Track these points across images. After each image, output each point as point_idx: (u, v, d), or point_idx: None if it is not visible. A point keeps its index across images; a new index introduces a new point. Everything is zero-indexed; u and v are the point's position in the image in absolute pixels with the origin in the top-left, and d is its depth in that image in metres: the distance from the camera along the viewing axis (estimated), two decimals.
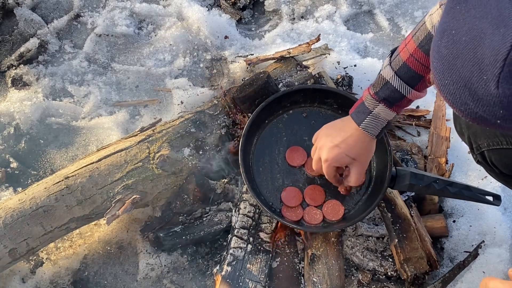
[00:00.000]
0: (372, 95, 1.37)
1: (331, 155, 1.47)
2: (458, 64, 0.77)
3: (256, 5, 2.42)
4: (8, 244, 1.57)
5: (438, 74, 0.82)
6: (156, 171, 1.65)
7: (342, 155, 1.46)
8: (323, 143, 1.49)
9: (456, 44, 0.78)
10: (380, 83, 1.36)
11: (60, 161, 1.98)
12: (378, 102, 1.37)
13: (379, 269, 1.68)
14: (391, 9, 2.39)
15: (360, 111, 1.41)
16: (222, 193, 1.76)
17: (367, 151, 1.49)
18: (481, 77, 0.74)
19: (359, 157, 1.48)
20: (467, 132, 1.44)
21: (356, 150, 1.46)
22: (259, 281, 1.60)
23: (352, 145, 1.45)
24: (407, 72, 1.31)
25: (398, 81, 1.32)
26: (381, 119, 1.39)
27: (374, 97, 1.37)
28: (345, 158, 1.47)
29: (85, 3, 2.33)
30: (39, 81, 2.13)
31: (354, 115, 1.43)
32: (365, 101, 1.39)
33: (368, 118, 1.39)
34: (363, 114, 1.40)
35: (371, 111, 1.38)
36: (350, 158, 1.47)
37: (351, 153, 1.46)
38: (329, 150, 1.47)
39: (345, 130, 1.45)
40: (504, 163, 1.40)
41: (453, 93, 0.80)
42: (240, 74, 2.05)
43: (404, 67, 1.31)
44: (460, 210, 1.82)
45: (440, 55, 0.81)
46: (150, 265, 1.73)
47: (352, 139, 1.44)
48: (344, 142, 1.45)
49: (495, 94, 0.74)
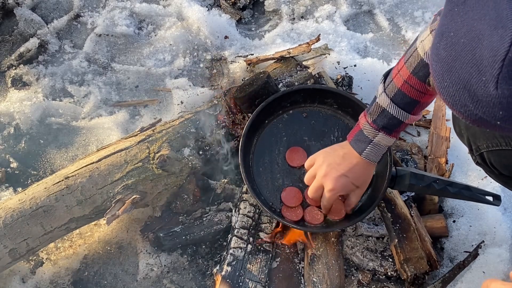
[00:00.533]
0: (370, 123, 1.37)
1: (338, 185, 1.45)
2: (457, 66, 0.78)
3: (256, 5, 2.42)
4: (8, 244, 1.57)
5: (438, 76, 0.82)
6: (156, 171, 1.65)
7: (349, 184, 1.46)
8: (327, 172, 1.46)
9: (454, 46, 0.78)
10: (377, 111, 1.35)
11: (60, 161, 1.98)
12: (378, 131, 1.36)
13: (379, 269, 1.68)
14: (391, 9, 2.39)
15: (359, 140, 1.41)
16: (222, 193, 1.76)
17: (369, 176, 1.51)
18: (480, 78, 0.74)
19: (362, 184, 1.50)
20: (466, 133, 1.44)
21: (362, 178, 1.47)
22: (259, 281, 1.60)
23: (359, 174, 1.45)
24: (402, 99, 1.31)
25: (395, 108, 1.32)
26: (382, 146, 1.40)
27: (372, 126, 1.37)
28: (351, 187, 1.48)
29: (85, 3, 2.33)
30: (39, 81, 2.13)
31: (354, 143, 1.42)
32: (364, 130, 1.39)
33: (369, 147, 1.39)
34: (363, 143, 1.40)
35: (371, 140, 1.38)
36: (355, 186, 1.48)
37: (357, 181, 1.47)
38: (336, 179, 1.44)
39: (348, 158, 1.43)
40: (503, 164, 1.40)
41: (453, 95, 0.80)
42: (240, 74, 2.05)
43: (400, 93, 1.31)
44: (460, 210, 1.82)
45: (439, 57, 0.81)
46: (150, 265, 1.73)
47: (358, 168, 1.44)
48: (350, 171, 1.44)
49: (495, 95, 0.74)
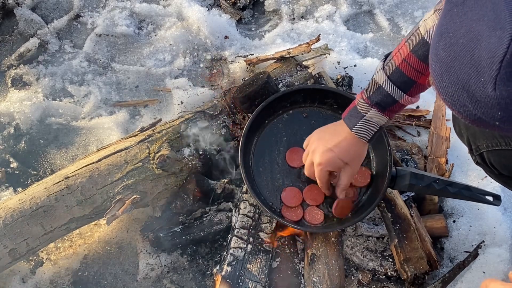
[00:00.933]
0: (364, 99, 1.37)
1: (324, 159, 1.46)
2: (456, 66, 0.78)
3: (256, 5, 2.42)
4: (8, 244, 1.57)
5: (437, 76, 0.82)
6: (156, 171, 1.65)
7: (335, 159, 1.45)
8: (316, 147, 1.48)
9: (453, 46, 0.78)
10: (373, 88, 1.35)
11: (60, 161, 1.98)
12: (371, 107, 1.36)
13: (379, 269, 1.68)
14: (391, 9, 2.39)
15: (352, 115, 1.41)
16: (222, 193, 1.76)
17: (359, 155, 1.49)
18: (479, 79, 0.75)
19: (351, 161, 1.48)
20: (466, 133, 1.44)
21: (349, 154, 1.46)
22: (259, 281, 1.60)
23: (345, 149, 1.44)
24: (400, 77, 1.31)
25: (391, 86, 1.32)
26: (374, 124, 1.39)
27: (366, 102, 1.37)
28: (338, 162, 1.47)
29: (85, 3, 2.33)
30: (39, 81, 2.13)
31: (346, 119, 1.43)
32: (358, 105, 1.39)
33: (361, 123, 1.39)
34: (355, 118, 1.40)
35: (363, 115, 1.38)
36: (343, 162, 1.47)
37: (344, 157, 1.46)
38: (322, 154, 1.46)
39: (338, 134, 1.44)
40: (503, 164, 1.40)
41: (452, 95, 0.80)
42: (240, 74, 2.05)
43: (397, 71, 1.31)
44: (460, 210, 1.82)
45: (438, 57, 0.81)
46: (150, 265, 1.73)
47: (346, 143, 1.43)
48: (337, 146, 1.44)
49: (493, 96, 0.74)
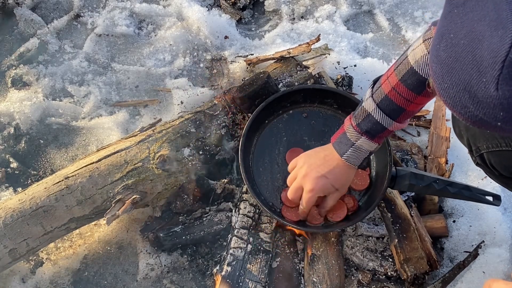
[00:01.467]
0: (354, 126, 1.37)
1: (318, 186, 1.45)
2: (457, 67, 0.77)
3: (256, 5, 2.42)
4: (8, 244, 1.57)
5: (438, 78, 0.82)
6: (156, 171, 1.65)
7: (328, 186, 1.46)
8: (307, 172, 1.46)
9: (454, 47, 0.78)
10: (362, 115, 1.36)
11: (60, 161, 1.98)
12: (361, 135, 1.37)
13: (379, 269, 1.68)
14: (391, 9, 2.39)
15: (342, 142, 1.41)
16: (222, 193, 1.76)
17: (349, 180, 1.50)
18: (481, 79, 0.74)
19: (342, 186, 1.49)
20: (466, 134, 1.44)
21: (341, 181, 1.47)
22: (259, 281, 1.60)
23: (338, 176, 1.45)
24: (388, 105, 1.31)
25: (380, 114, 1.33)
26: (364, 150, 1.40)
27: (356, 129, 1.37)
28: (330, 189, 1.47)
29: (85, 3, 2.33)
30: (39, 81, 2.13)
31: (336, 145, 1.43)
32: (347, 132, 1.39)
33: (351, 150, 1.39)
34: (345, 146, 1.40)
35: (353, 143, 1.39)
36: (334, 188, 1.47)
37: (336, 184, 1.46)
38: (316, 180, 1.45)
39: (329, 160, 1.44)
40: (503, 165, 1.39)
41: (453, 96, 0.80)
42: (240, 74, 2.05)
43: (386, 100, 1.31)
44: (460, 210, 1.82)
45: (439, 58, 0.81)
46: (150, 265, 1.73)
47: (338, 170, 1.44)
48: (331, 173, 1.44)
49: (495, 96, 0.74)
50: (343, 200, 1.64)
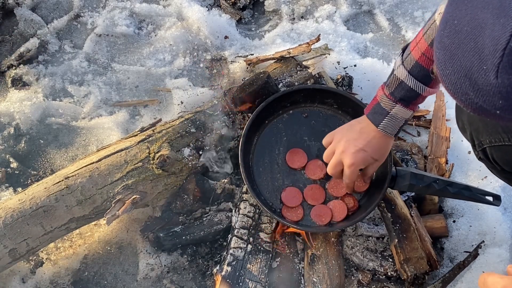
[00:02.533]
0: (387, 95, 1.37)
1: (358, 159, 1.44)
2: (459, 53, 0.78)
3: (256, 5, 2.42)
4: (8, 244, 1.57)
5: (440, 64, 0.82)
6: (156, 171, 1.65)
7: (367, 158, 1.45)
8: (345, 147, 1.45)
9: (458, 34, 0.78)
10: (395, 83, 1.35)
11: (60, 161, 1.98)
12: (395, 103, 1.36)
13: (379, 269, 1.68)
14: (391, 9, 2.39)
15: (377, 112, 1.40)
16: (222, 193, 1.76)
17: (387, 150, 1.49)
18: (481, 67, 0.75)
19: (381, 157, 1.48)
20: (469, 128, 1.44)
21: (380, 152, 1.46)
22: (259, 281, 1.60)
23: (376, 148, 1.44)
24: (420, 71, 1.31)
25: (413, 80, 1.32)
26: (399, 119, 1.39)
27: (390, 98, 1.36)
28: (370, 160, 1.46)
29: (85, 3, 2.33)
30: (39, 81, 2.13)
31: (370, 116, 1.42)
32: (381, 102, 1.39)
33: (386, 119, 1.39)
34: (380, 116, 1.39)
35: (388, 112, 1.38)
36: (374, 159, 1.47)
37: (375, 155, 1.45)
38: (355, 154, 1.44)
39: (365, 132, 1.43)
40: (505, 160, 1.40)
41: (454, 83, 0.80)
42: (240, 74, 2.05)
43: (417, 66, 1.31)
44: (460, 210, 1.82)
45: (442, 45, 0.81)
46: (150, 265, 1.73)
47: (376, 141, 1.43)
48: (368, 145, 1.43)
49: (495, 84, 0.74)
50: (343, 200, 1.64)
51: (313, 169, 1.68)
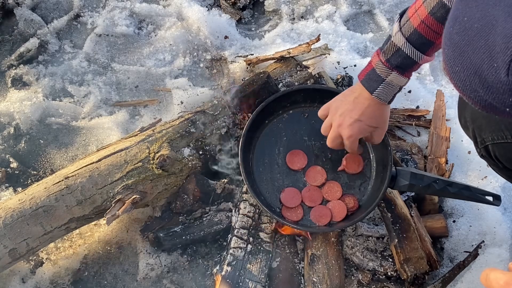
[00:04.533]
0: (383, 62, 1.35)
1: (355, 130, 1.45)
2: (469, 51, 0.77)
3: (256, 5, 2.42)
4: (8, 244, 1.57)
5: (449, 60, 0.82)
6: (156, 171, 1.65)
7: (364, 127, 1.45)
8: (341, 120, 1.46)
9: (468, 31, 0.77)
10: (391, 50, 1.34)
11: (60, 161, 1.98)
12: (391, 70, 1.35)
13: (379, 269, 1.68)
14: (391, 9, 2.39)
15: (371, 79, 1.39)
16: (222, 193, 1.76)
17: (385, 116, 1.48)
18: (492, 64, 0.74)
19: (380, 124, 1.47)
20: (472, 126, 1.43)
21: (376, 119, 1.45)
22: (259, 281, 1.60)
23: (371, 115, 1.43)
24: (418, 39, 1.30)
25: (410, 48, 1.31)
26: (394, 86, 1.38)
27: (386, 65, 1.35)
28: (368, 129, 1.46)
29: (85, 3, 2.33)
30: (39, 81, 2.13)
31: (365, 82, 1.41)
32: (377, 69, 1.37)
33: (381, 86, 1.38)
34: (375, 82, 1.38)
35: (384, 79, 1.37)
36: (373, 127, 1.46)
37: (372, 123, 1.45)
38: (351, 126, 1.44)
39: (359, 102, 1.43)
40: (508, 158, 1.39)
41: (463, 80, 0.80)
42: (240, 74, 2.05)
43: (415, 33, 1.30)
44: (460, 210, 1.82)
45: (452, 41, 0.81)
46: (150, 265, 1.73)
47: (370, 109, 1.42)
48: (364, 114, 1.42)
49: (505, 81, 0.73)
50: (343, 200, 1.64)
51: (313, 176, 1.68)
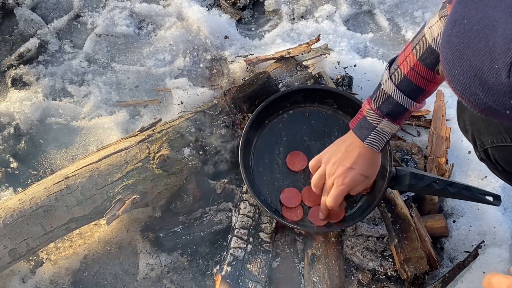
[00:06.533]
0: (374, 110, 1.36)
1: (348, 180, 1.44)
2: (469, 53, 0.76)
3: (256, 5, 2.42)
4: (8, 244, 1.57)
5: (448, 64, 0.81)
6: (156, 171, 1.65)
7: (357, 176, 1.44)
8: (334, 169, 1.45)
9: (467, 33, 0.77)
10: (382, 98, 1.35)
11: (60, 161, 1.98)
12: (382, 118, 1.36)
13: (379, 269, 1.68)
14: (391, 9, 2.39)
15: (363, 127, 1.40)
16: (222, 193, 1.76)
17: (376, 165, 1.48)
18: (492, 66, 0.73)
19: (371, 173, 1.48)
20: (471, 129, 1.43)
21: (368, 168, 1.45)
22: (259, 281, 1.60)
23: (364, 164, 1.43)
24: (408, 86, 1.31)
25: (400, 95, 1.32)
26: (386, 134, 1.39)
27: (377, 112, 1.36)
28: (360, 178, 1.45)
29: (85, 3, 2.33)
30: (39, 81, 2.13)
31: (356, 130, 1.41)
32: (368, 117, 1.38)
33: (373, 134, 1.38)
34: (366, 130, 1.39)
35: (375, 126, 1.37)
36: (364, 176, 1.46)
37: (364, 171, 1.45)
38: (344, 175, 1.44)
39: (352, 150, 1.43)
40: (507, 161, 1.39)
41: (463, 83, 0.79)
42: (240, 74, 2.05)
43: (405, 81, 1.31)
44: (460, 210, 1.82)
45: (451, 44, 0.80)
46: (150, 265, 1.73)
47: (362, 158, 1.42)
48: (356, 163, 1.43)
49: (506, 83, 0.73)
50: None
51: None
